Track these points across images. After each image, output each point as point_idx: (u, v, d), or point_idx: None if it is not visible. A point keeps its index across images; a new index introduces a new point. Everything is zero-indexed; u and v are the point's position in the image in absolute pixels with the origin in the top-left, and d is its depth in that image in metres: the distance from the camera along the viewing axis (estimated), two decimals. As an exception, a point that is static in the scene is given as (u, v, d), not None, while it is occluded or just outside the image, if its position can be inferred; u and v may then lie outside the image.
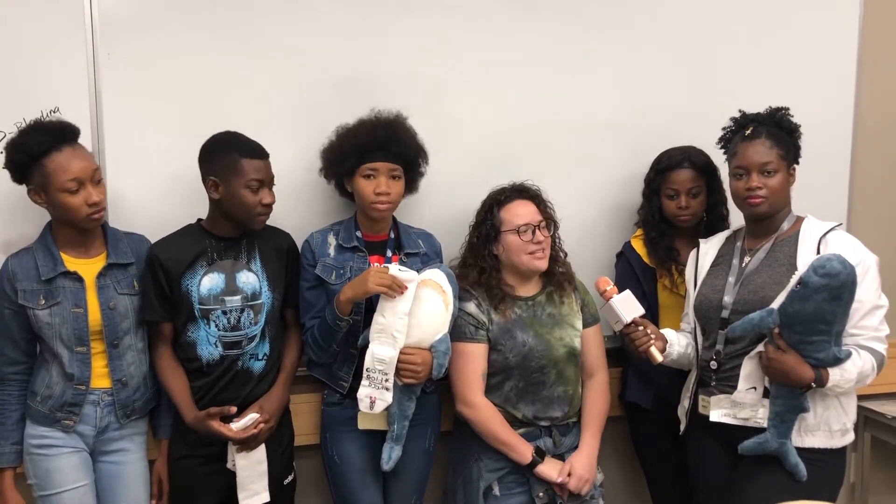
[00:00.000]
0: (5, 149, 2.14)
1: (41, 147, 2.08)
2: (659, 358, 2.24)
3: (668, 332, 2.34)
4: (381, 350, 2.21)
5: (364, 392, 2.22)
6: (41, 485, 2.17)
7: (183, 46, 2.41)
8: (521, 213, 2.36)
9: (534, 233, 2.33)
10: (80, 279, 2.17)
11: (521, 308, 2.39)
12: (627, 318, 2.24)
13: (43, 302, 2.14)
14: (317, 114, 2.48)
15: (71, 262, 2.18)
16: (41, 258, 2.16)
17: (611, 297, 2.25)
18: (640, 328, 2.25)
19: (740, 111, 2.31)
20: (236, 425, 2.21)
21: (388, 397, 2.21)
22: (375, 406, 2.21)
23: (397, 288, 2.19)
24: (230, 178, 2.19)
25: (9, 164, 2.13)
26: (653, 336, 2.25)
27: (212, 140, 2.25)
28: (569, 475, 2.32)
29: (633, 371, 2.64)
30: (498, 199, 2.41)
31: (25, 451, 2.18)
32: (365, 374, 2.21)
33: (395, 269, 2.22)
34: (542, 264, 2.36)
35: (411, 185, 2.42)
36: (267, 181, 2.22)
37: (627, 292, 2.27)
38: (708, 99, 2.76)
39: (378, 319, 2.22)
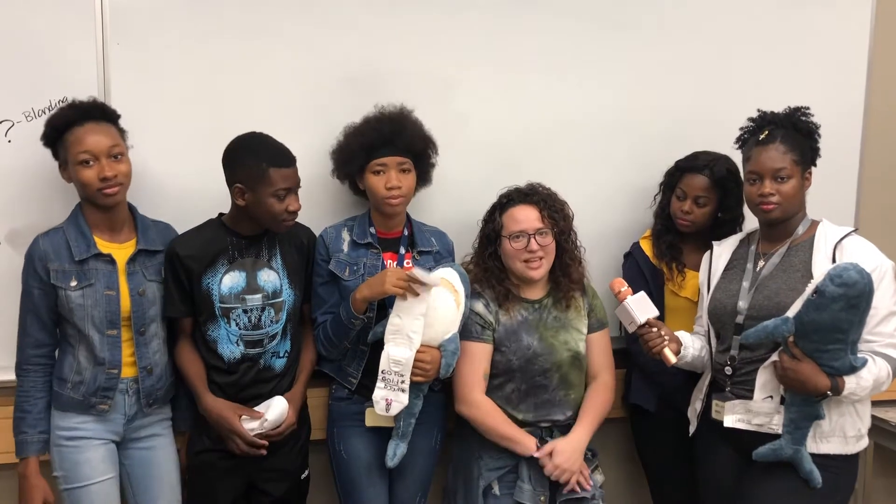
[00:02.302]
0: (45, 124, 2.15)
1: (63, 120, 2.11)
2: (673, 359, 2.23)
3: (682, 335, 2.33)
4: (397, 351, 2.19)
5: (380, 394, 2.20)
6: (68, 477, 2.15)
7: (193, 37, 2.40)
8: (519, 219, 2.34)
9: (528, 241, 2.31)
10: (112, 261, 2.15)
11: (528, 310, 2.38)
12: (641, 319, 2.22)
13: (75, 283, 2.12)
14: (327, 109, 2.47)
15: (103, 245, 2.16)
16: (73, 238, 2.14)
17: (625, 299, 2.23)
18: (654, 329, 2.23)
19: (759, 111, 2.28)
20: (251, 425, 2.20)
21: (405, 399, 2.19)
22: (391, 408, 2.19)
23: (414, 289, 2.17)
24: (257, 186, 2.15)
25: (43, 138, 2.14)
26: (667, 338, 2.23)
27: (238, 144, 2.21)
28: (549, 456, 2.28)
29: (638, 373, 2.64)
30: (502, 202, 2.40)
31: (53, 443, 2.16)
32: (380, 375, 2.20)
33: (418, 271, 2.19)
34: (536, 273, 2.34)
35: (424, 178, 2.42)
36: (294, 188, 2.19)
37: (642, 293, 2.26)
38: (720, 101, 2.76)
39: (393, 320, 2.20)
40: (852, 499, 3.16)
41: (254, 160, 2.15)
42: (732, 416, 2.20)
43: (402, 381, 2.19)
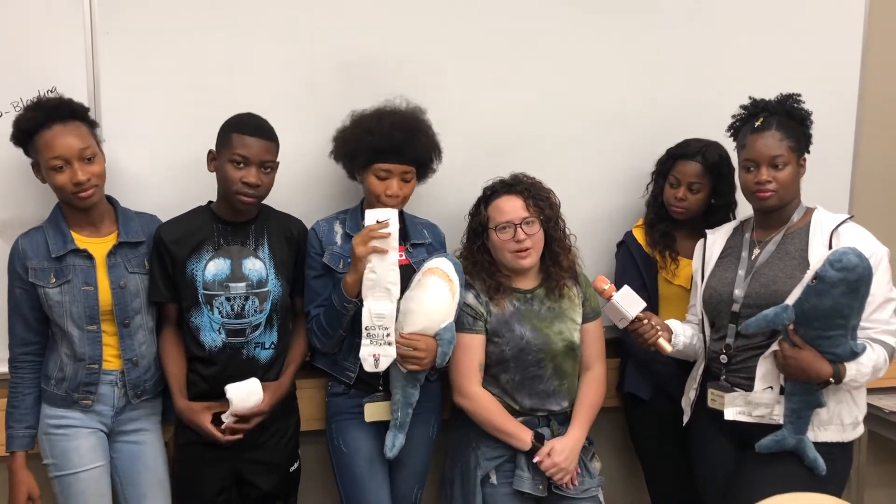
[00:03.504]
0: (13, 125, 2.13)
1: (31, 123, 2.09)
2: (668, 348, 2.22)
3: (672, 323, 2.32)
4: (378, 305, 2.17)
5: (367, 351, 2.18)
6: (58, 465, 2.16)
7: (183, 26, 2.38)
8: (504, 209, 2.33)
9: (515, 231, 2.30)
10: (90, 257, 2.15)
11: (519, 300, 2.37)
12: (632, 314, 2.21)
13: (53, 280, 2.12)
14: (319, 97, 2.46)
15: (81, 241, 2.17)
16: (51, 236, 2.14)
17: (611, 296, 2.22)
18: (646, 321, 2.22)
19: (750, 98, 2.28)
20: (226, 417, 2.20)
21: (392, 352, 2.18)
22: (380, 363, 2.18)
23: (378, 237, 2.13)
24: (221, 150, 2.19)
25: (12, 139, 2.13)
26: (658, 327, 2.23)
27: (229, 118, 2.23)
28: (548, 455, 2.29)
29: (633, 362, 2.63)
30: (486, 194, 2.39)
31: (42, 431, 2.18)
32: (364, 332, 2.17)
33: (370, 215, 2.17)
34: (526, 262, 2.33)
35: (421, 179, 2.40)
36: (254, 160, 2.17)
37: (626, 288, 2.24)
38: (713, 91, 2.74)
39: (369, 276, 2.17)
40: (847, 486, 3.17)
41: (228, 127, 2.20)
42: (733, 409, 2.19)
43: (388, 335, 2.17)
